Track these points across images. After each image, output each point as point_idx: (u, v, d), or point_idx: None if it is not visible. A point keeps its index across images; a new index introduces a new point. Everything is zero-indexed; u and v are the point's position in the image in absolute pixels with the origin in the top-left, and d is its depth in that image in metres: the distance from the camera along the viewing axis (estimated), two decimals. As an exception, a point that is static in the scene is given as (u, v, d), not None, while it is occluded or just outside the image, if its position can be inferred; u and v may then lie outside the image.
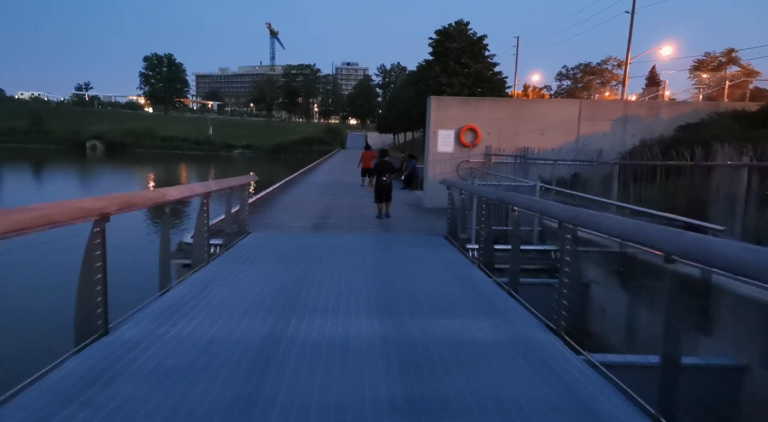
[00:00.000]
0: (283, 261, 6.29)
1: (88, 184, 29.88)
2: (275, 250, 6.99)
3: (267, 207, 12.28)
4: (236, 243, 7.38)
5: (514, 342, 3.61)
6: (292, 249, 7.14)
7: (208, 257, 6.10)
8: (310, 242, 7.79)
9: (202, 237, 5.96)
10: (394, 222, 10.43)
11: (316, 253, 6.83)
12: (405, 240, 8.20)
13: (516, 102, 14.11)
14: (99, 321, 3.58)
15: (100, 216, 3.47)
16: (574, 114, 12.33)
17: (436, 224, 10.21)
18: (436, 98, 12.83)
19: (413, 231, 9.41)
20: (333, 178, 23.05)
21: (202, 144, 73.49)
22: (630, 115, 12.30)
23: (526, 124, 12.38)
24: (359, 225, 9.91)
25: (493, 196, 5.54)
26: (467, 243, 7.38)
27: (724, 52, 33.69)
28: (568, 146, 12.22)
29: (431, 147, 12.61)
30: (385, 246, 7.61)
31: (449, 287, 5.17)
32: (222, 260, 6.23)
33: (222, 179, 6.89)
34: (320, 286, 5.10)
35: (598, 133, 12.31)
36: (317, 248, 7.25)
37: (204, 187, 5.75)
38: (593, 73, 49.18)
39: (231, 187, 7.13)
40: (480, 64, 25.50)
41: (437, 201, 12.60)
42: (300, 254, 6.76)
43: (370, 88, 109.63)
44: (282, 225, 9.76)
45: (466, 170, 12.59)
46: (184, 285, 5.03)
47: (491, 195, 5.63)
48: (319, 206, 12.62)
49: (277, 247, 7.21)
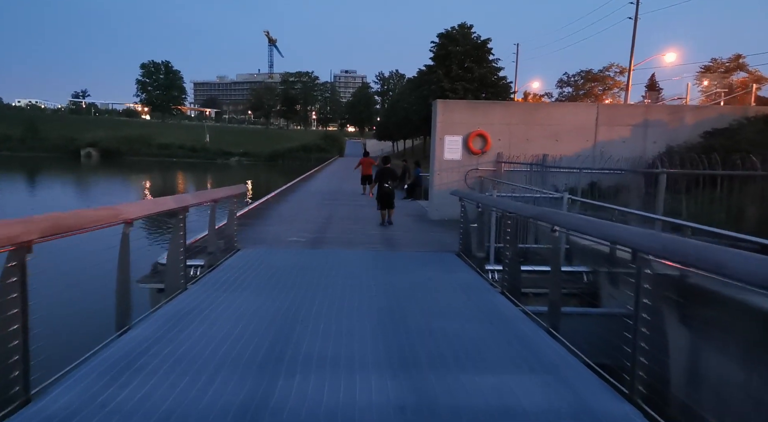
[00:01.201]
0: (273, 286, 5.36)
1: (75, 193, 28.88)
2: (265, 272, 6.06)
3: (261, 218, 11.35)
4: (221, 262, 6.44)
5: (579, 415, 2.68)
6: (284, 270, 6.22)
7: (184, 282, 5.17)
8: (306, 261, 6.87)
9: (178, 259, 5.03)
10: (399, 236, 9.52)
11: (312, 276, 5.91)
12: (413, 259, 7.29)
13: (528, 106, 13.26)
14: (16, 388, 2.65)
15: (16, 247, 2.56)
16: (590, 119, 11.48)
17: (445, 238, 9.30)
18: (443, 102, 11.97)
19: (421, 247, 8.50)
20: (331, 186, 22.15)
21: (199, 151, 72.60)
22: (651, 120, 11.45)
23: (539, 130, 11.51)
24: (361, 240, 8.99)
25: (526, 211, 4.60)
26: (486, 264, 6.46)
27: (732, 57, 33.06)
28: (585, 153, 11.36)
29: (437, 154, 11.73)
30: (391, 266, 6.69)
31: (475, 324, 4.24)
32: (201, 286, 5.30)
33: (203, 191, 5.98)
34: (316, 323, 4.18)
35: (616, 140, 11.45)
36: (314, 269, 6.33)
37: (178, 201, 4.82)
38: (595, 80, 48.53)
39: (214, 200, 6.20)
40: (484, 68, 24.64)
41: (444, 212, 11.70)
42: (294, 277, 5.84)
43: (369, 96, 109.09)
44: (276, 239, 8.83)
45: (474, 179, 11.70)
46: (150, 322, 4.09)
47: (524, 211, 4.69)
48: (317, 217, 11.70)
49: (268, 268, 6.28)
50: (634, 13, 34.12)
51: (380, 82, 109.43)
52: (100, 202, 24.60)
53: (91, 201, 24.31)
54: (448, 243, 8.80)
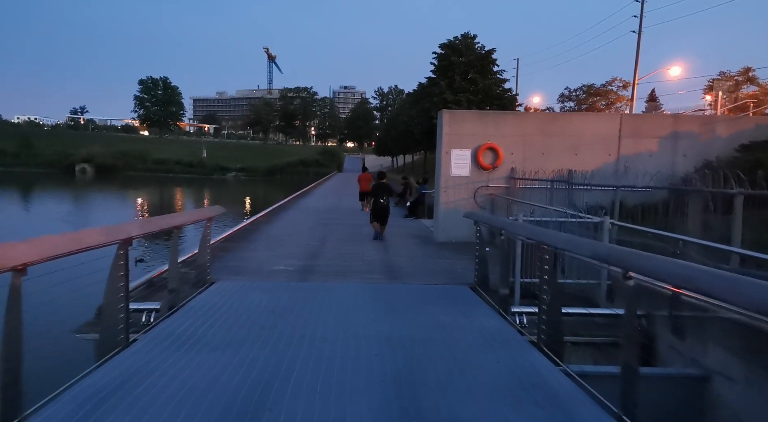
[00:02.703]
0: (242, 340, 4.15)
1: (59, 211, 27.59)
2: (236, 317, 4.85)
3: (247, 241, 10.15)
4: (186, 302, 5.23)
5: None
6: (261, 313, 5.01)
7: (125, 336, 3.96)
8: (291, 298, 5.66)
9: (117, 305, 3.83)
10: (402, 263, 8.32)
11: (295, 322, 4.70)
12: (420, 294, 6.08)
13: (544, 116, 12.18)
14: None
15: None
16: (613, 130, 10.37)
17: (455, 266, 8.10)
18: (449, 112, 10.86)
19: (428, 278, 7.29)
20: (328, 203, 20.98)
21: (196, 167, 71.68)
22: (681, 131, 10.34)
23: (557, 142, 10.39)
24: (358, 267, 7.79)
25: (583, 248, 3.35)
26: (511, 305, 5.25)
27: (741, 70, 32.25)
28: (607, 168, 10.25)
29: (443, 169, 10.58)
30: (394, 306, 5.48)
31: (514, 410, 3.02)
32: (149, 340, 4.08)
33: (155, 217, 4.77)
34: (292, 408, 2.96)
35: (642, 153, 10.32)
36: (299, 311, 5.12)
37: (111, 234, 3.62)
38: (597, 95, 47.73)
39: (175, 227, 5.01)
40: (489, 79, 23.58)
41: (451, 233, 10.52)
42: (271, 324, 4.63)
43: (368, 111, 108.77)
44: (260, 268, 7.63)
45: (485, 197, 10.55)
46: (53, 409, 2.87)
47: (579, 247, 3.42)
48: (310, 240, 10.50)
49: (241, 311, 5.07)
50: (636, 27, 33.51)
51: (379, 97, 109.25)
52: (83, 219, 23.40)
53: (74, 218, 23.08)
54: (460, 273, 7.62)
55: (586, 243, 3.40)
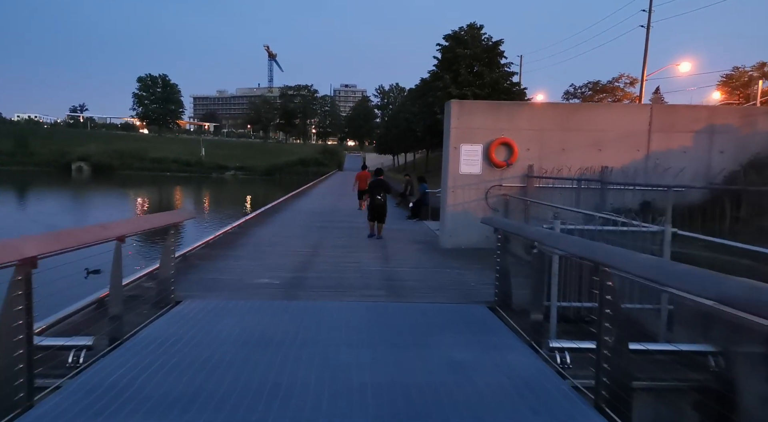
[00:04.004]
0: (193, 398, 3.05)
1: (36, 211, 26.38)
2: (197, 355, 3.75)
3: (231, 247, 9.06)
4: (133, 334, 4.14)
5: None
6: (230, 348, 3.92)
7: (27, 393, 2.87)
8: (271, 325, 4.59)
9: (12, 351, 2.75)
10: (405, 274, 7.22)
11: (271, 363, 3.62)
12: (428, 317, 5.00)
13: (564, 108, 11.08)
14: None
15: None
16: (642, 123, 9.25)
17: (466, 278, 7.00)
18: (458, 102, 9.74)
19: (436, 293, 6.20)
20: (326, 204, 19.88)
21: (194, 165, 70.72)
22: (717, 125, 9.22)
23: (578, 137, 9.28)
24: (355, 281, 6.69)
25: (694, 284, 2.18)
26: (545, 335, 4.15)
27: (756, 65, 31.05)
28: (635, 165, 9.14)
29: (451, 167, 9.48)
30: (397, 335, 4.40)
31: None
32: (63, 399, 2.98)
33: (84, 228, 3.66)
34: None
35: (675, 149, 9.21)
36: (278, 345, 4.04)
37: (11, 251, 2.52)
38: (604, 92, 46.56)
39: (119, 238, 3.90)
40: (496, 73, 22.38)
41: (460, 239, 9.43)
42: (239, 364, 3.55)
43: (369, 109, 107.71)
44: (240, 281, 6.53)
45: (497, 198, 9.45)
46: None
47: (684, 281, 2.23)
48: (303, 247, 9.40)
49: (204, 346, 3.97)
50: (644, 21, 32.32)
51: (380, 95, 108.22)
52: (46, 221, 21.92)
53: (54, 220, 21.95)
54: (473, 287, 6.53)
55: (687, 273, 2.27)
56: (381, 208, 10.54)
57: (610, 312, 3.04)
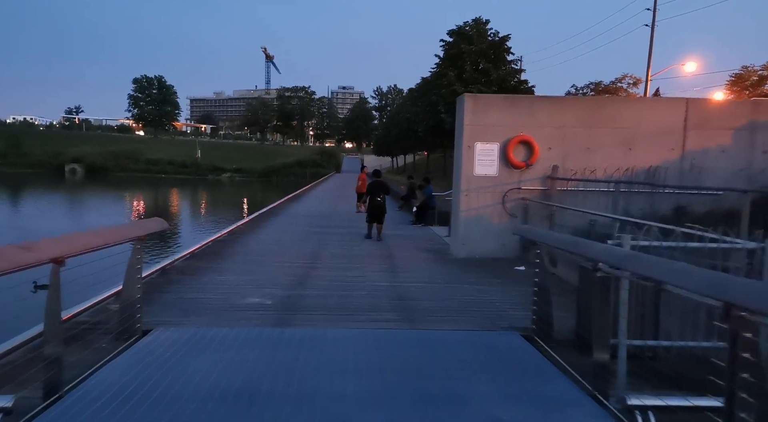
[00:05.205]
0: None
1: (16, 215, 25.25)
2: (157, 417, 2.79)
3: (218, 258, 8.09)
4: (77, 384, 3.18)
5: None
6: (202, 405, 2.96)
7: None
8: (260, 364, 3.65)
9: None
10: (416, 291, 6.26)
11: None
12: (455, 350, 4.07)
13: (590, 102, 10.18)
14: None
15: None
16: (677, 119, 8.33)
17: (489, 296, 6.05)
18: (472, 96, 8.79)
19: (454, 315, 5.24)
20: (324, 207, 18.93)
21: (189, 167, 69.60)
22: (760, 121, 8.31)
23: (605, 135, 8.36)
24: (361, 300, 5.73)
25: None
26: (614, 384, 3.21)
27: (766, 64, 30.23)
28: (669, 166, 8.22)
29: (464, 168, 8.54)
30: (422, 376, 3.48)
31: None
32: None
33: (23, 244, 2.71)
34: None
35: (713, 148, 8.29)
36: (268, 396, 3.10)
37: None
38: (607, 92, 45.56)
39: (56, 260, 2.94)
40: (502, 70, 21.42)
41: (474, 248, 8.50)
42: None
43: (367, 111, 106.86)
44: (225, 302, 5.56)
45: (516, 202, 8.51)
46: None
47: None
48: (299, 257, 8.43)
49: (171, 398, 3.02)
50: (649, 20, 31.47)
51: (378, 97, 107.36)
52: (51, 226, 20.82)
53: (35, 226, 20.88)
54: (497, 306, 5.60)
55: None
56: (381, 209, 10.51)
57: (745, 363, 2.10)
